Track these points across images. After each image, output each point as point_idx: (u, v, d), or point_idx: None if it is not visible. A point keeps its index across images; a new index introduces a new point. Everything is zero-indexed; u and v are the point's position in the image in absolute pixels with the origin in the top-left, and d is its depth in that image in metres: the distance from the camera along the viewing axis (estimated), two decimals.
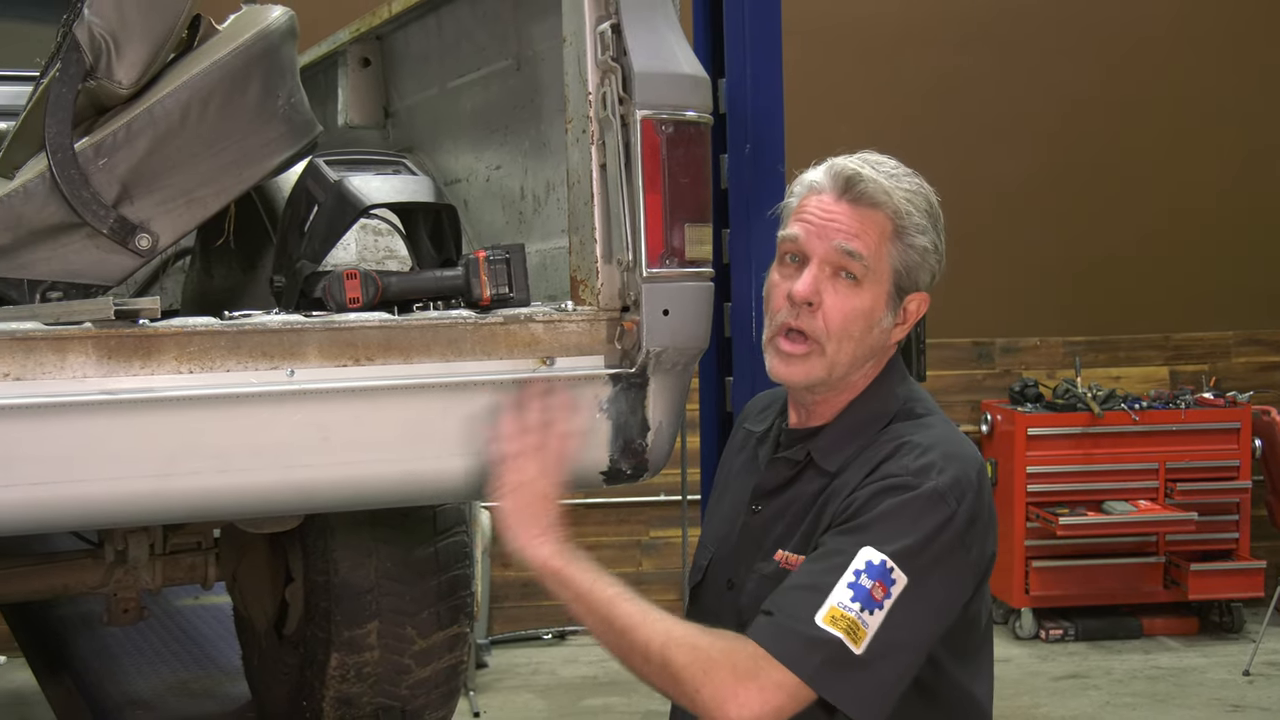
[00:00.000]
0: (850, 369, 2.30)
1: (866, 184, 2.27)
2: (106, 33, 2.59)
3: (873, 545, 2.11)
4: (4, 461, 2.30)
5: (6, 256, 2.64)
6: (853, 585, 2.08)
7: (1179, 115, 8.85)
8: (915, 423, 2.31)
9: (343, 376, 2.49)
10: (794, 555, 2.26)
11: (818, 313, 2.25)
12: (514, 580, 8.37)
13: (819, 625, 2.06)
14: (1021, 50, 8.74)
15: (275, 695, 3.94)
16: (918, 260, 2.29)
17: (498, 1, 3.11)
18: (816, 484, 2.31)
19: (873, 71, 8.54)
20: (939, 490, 2.17)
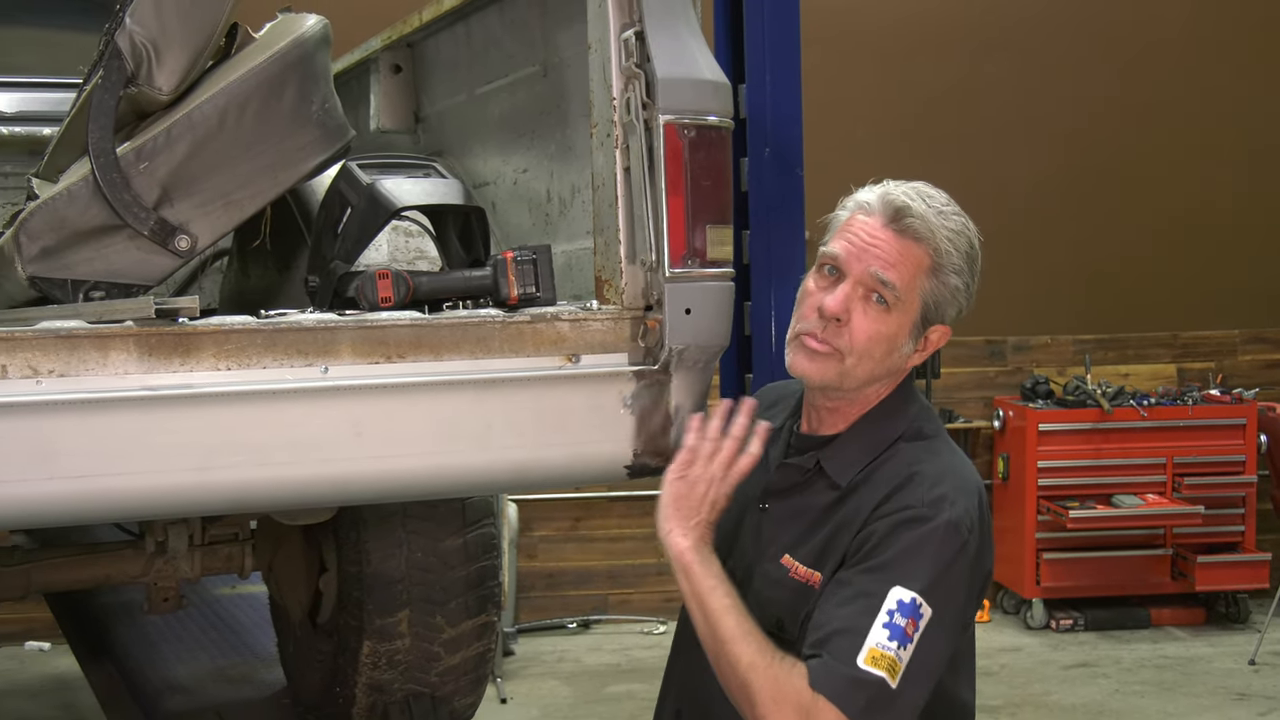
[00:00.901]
0: (863, 385, 2.34)
1: (914, 218, 2.30)
2: (147, 41, 2.59)
3: (901, 584, 2.18)
4: (49, 455, 2.30)
5: (51, 257, 2.64)
6: (888, 625, 2.16)
7: (1186, 119, 8.83)
8: (923, 445, 2.35)
9: (375, 373, 2.49)
10: (802, 566, 2.32)
11: (844, 329, 2.29)
12: (539, 570, 8.39)
13: (861, 667, 2.14)
14: (1035, 57, 8.73)
15: (309, 681, 3.95)
16: (948, 297, 2.33)
17: (525, 10, 3.11)
18: (827, 496, 2.35)
19: (890, 77, 8.53)
20: (953, 522, 2.23)
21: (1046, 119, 8.68)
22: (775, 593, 2.32)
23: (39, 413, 2.29)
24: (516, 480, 2.72)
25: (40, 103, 4.78)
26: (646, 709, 6.94)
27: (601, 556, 8.47)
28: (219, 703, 4.12)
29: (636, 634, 8.23)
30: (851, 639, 2.16)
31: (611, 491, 8.24)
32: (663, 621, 8.26)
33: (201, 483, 2.42)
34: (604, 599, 8.49)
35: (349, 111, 2.92)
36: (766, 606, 2.31)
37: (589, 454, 2.68)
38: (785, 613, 2.30)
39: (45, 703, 7.10)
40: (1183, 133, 8.82)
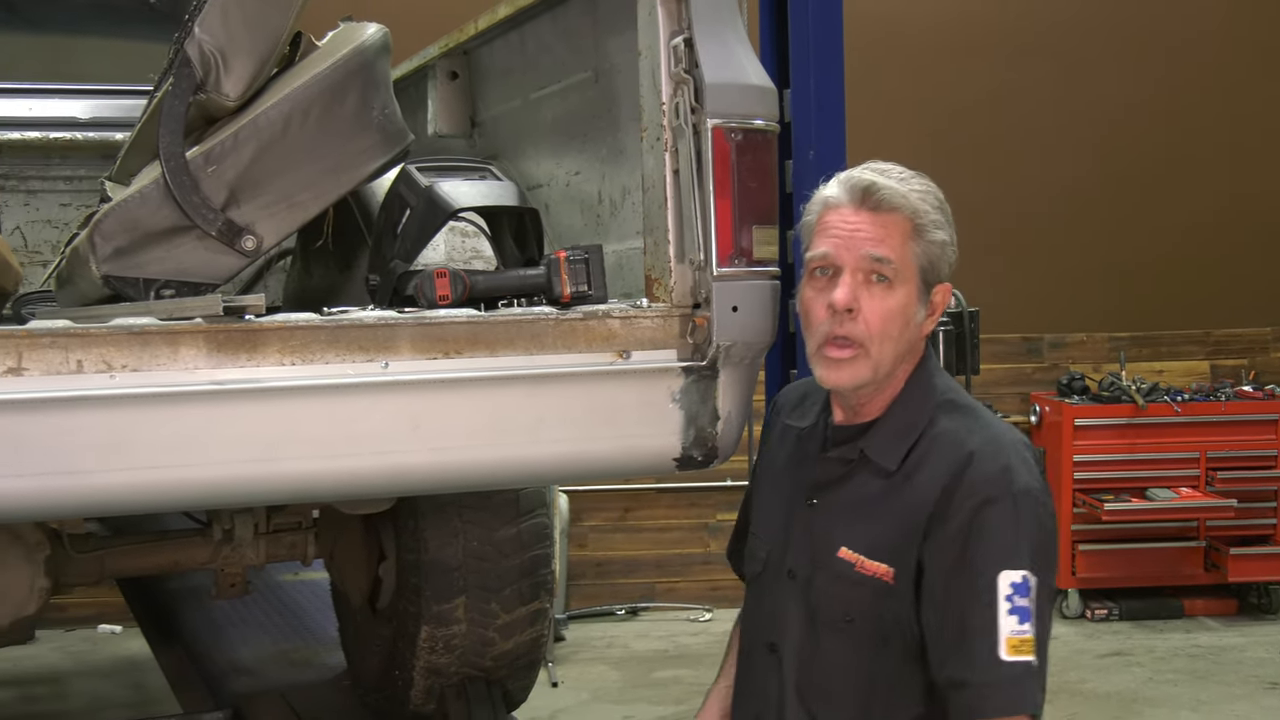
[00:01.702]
0: (893, 366, 2.28)
1: (882, 191, 2.25)
2: (215, 49, 2.60)
3: (1007, 567, 2.15)
4: (121, 446, 2.32)
5: (124, 256, 2.66)
6: (1013, 610, 2.14)
7: (1217, 120, 8.76)
8: (962, 418, 2.31)
9: (433, 368, 2.50)
10: (869, 560, 2.25)
11: (858, 317, 2.23)
12: (589, 559, 8.40)
13: (1006, 660, 2.13)
14: (1067, 60, 8.67)
15: (369, 665, 3.97)
16: (938, 253, 2.28)
17: (577, 18, 3.11)
18: (876, 484, 2.29)
19: (927, 82, 8.49)
20: (1026, 488, 2.20)
21: (1079, 121, 8.62)
22: (842, 588, 2.26)
23: (112, 406, 2.31)
24: (568, 472, 2.73)
25: (113, 109, 4.81)
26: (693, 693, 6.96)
27: (649, 546, 8.47)
28: (282, 684, 4.15)
29: (683, 621, 8.22)
30: (984, 640, 2.13)
31: (659, 483, 8.24)
32: (708, 609, 8.26)
33: (266, 473, 2.44)
34: (651, 587, 8.49)
35: (408, 116, 2.93)
36: (834, 602, 2.26)
37: (638, 447, 2.68)
38: (855, 608, 2.25)
39: (117, 683, 7.15)
40: (1214, 133, 8.75)
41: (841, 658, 2.25)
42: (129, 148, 3.59)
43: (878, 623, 2.23)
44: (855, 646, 2.24)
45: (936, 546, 2.19)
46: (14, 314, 3.77)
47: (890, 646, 2.23)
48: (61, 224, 4.82)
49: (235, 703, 3.96)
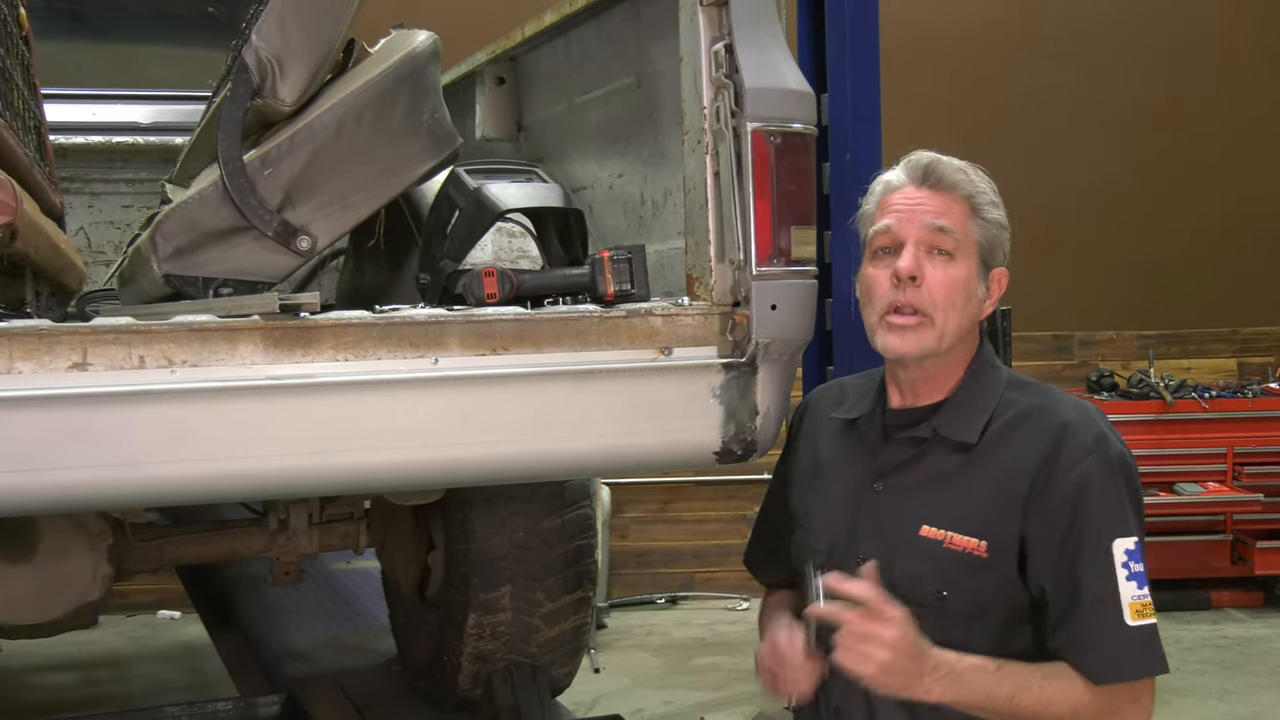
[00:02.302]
0: (956, 339, 2.24)
1: (943, 168, 2.25)
2: (272, 56, 2.61)
3: (1119, 535, 2.16)
4: (181, 439, 2.33)
5: (184, 256, 2.67)
6: (1131, 577, 2.16)
7: (1244, 121, 8.72)
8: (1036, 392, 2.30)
9: (481, 364, 2.50)
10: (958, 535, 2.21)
11: (922, 286, 2.20)
12: (630, 550, 8.40)
13: (1132, 626, 2.14)
14: (1094, 64, 8.64)
15: (418, 651, 3.98)
16: (995, 234, 2.26)
17: (620, 24, 3.11)
18: (954, 460, 2.25)
19: (959, 86, 8.48)
20: (1122, 455, 2.21)
21: (1107, 123, 8.59)
22: (931, 565, 2.21)
23: (173, 400, 2.32)
24: (611, 465, 2.73)
25: (172, 114, 4.84)
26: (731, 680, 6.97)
27: (688, 537, 8.46)
28: (335, 669, 4.16)
29: (721, 609, 8.22)
30: (1107, 608, 2.14)
31: (698, 476, 8.24)
32: (745, 598, 8.24)
33: (320, 465, 2.44)
34: (690, 577, 8.49)
35: (456, 121, 2.93)
36: (922, 581, 2.20)
37: (680, 441, 2.67)
38: (948, 583, 2.20)
39: (176, 667, 7.20)
40: (1240, 134, 8.70)
41: (933, 635, 2.17)
42: (188, 151, 3.62)
43: (975, 596, 2.19)
44: (947, 623, 2.19)
45: (1042, 518, 2.17)
46: (79, 311, 3.80)
47: (988, 619, 2.20)
48: (124, 225, 4.85)
49: (290, 687, 3.98)
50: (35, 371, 2.25)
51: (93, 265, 4.66)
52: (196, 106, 4.61)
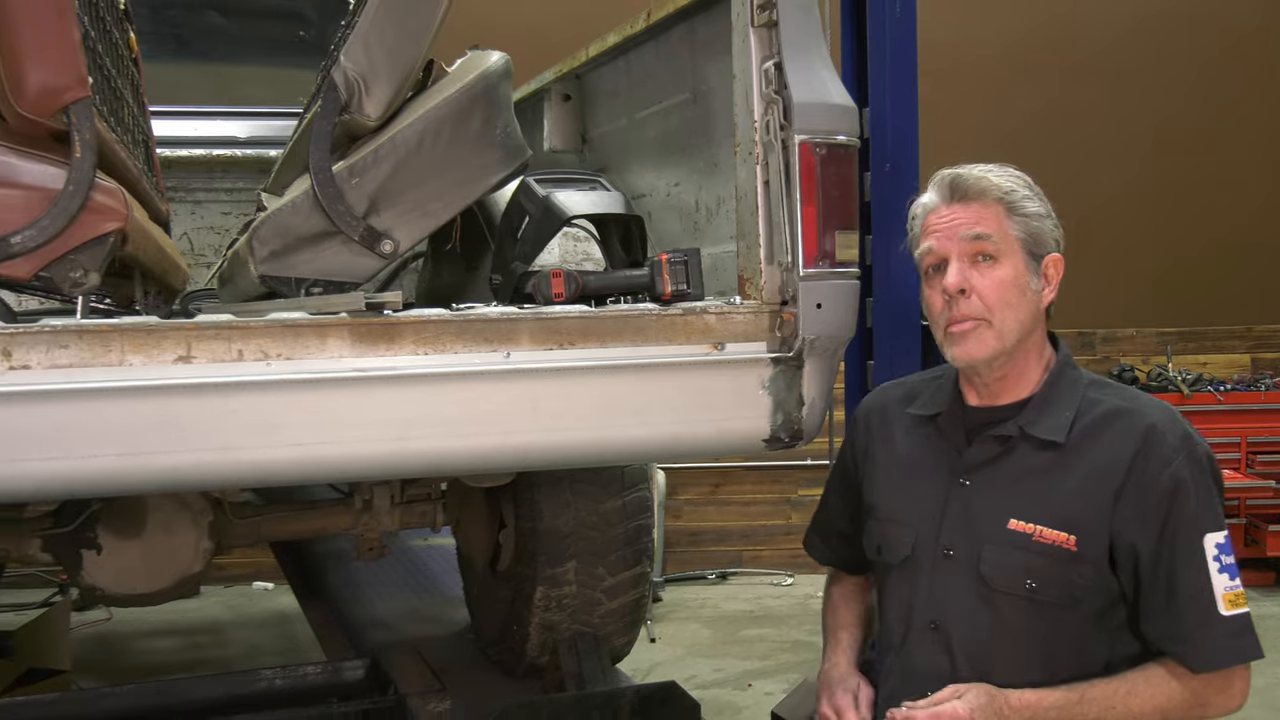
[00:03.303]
0: (1018, 335, 2.21)
1: (968, 181, 2.23)
2: (358, 76, 2.62)
3: (1209, 531, 2.13)
4: (276, 426, 2.34)
5: (278, 259, 2.69)
6: (1222, 569, 2.12)
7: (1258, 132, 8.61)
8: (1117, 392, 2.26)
9: (549, 358, 2.50)
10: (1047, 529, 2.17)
11: (972, 296, 2.19)
12: (683, 529, 8.39)
13: (1226, 616, 2.12)
14: (1117, 77, 8.57)
15: (490, 621, 3.99)
16: (1037, 226, 2.22)
17: (677, 45, 3.10)
18: (1041, 458, 2.21)
19: (990, 100, 8.42)
20: (1206, 452, 2.18)
21: (1128, 135, 8.52)
22: (1020, 558, 2.17)
23: (269, 390, 2.33)
24: (668, 451, 2.72)
25: (267, 129, 4.87)
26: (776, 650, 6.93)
27: (737, 518, 8.45)
28: (414, 637, 4.17)
29: (767, 585, 8.20)
30: (1200, 601, 2.11)
31: (747, 461, 8.22)
32: (790, 575, 8.22)
33: (402, 451, 2.45)
34: (739, 555, 8.47)
35: (526, 134, 2.93)
36: (1012, 572, 2.17)
37: (731, 429, 2.66)
38: (1037, 575, 2.16)
39: (269, 633, 7.26)
40: (1254, 145, 8.60)
41: (1024, 624, 2.17)
42: (282, 163, 3.64)
43: (1065, 587, 2.15)
44: (1039, 611, 2.17)
45: (1135, 516, 2.14)
46: (182, 309, 3.84)
47: (1079, 608, 2.16)
48: (223, 230, 4.89)
49: (373, 652, 3.99)
50: (144, 364, 2.27)
51: (195, 267, 4.71)
52: (289, 122, 4.64)
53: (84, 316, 2.36)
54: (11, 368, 2.20)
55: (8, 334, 2.21)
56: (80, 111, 2.27)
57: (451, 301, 2.66)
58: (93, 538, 3.35)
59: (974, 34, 8.48)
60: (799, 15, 2.63)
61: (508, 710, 3.05)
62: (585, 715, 3.10)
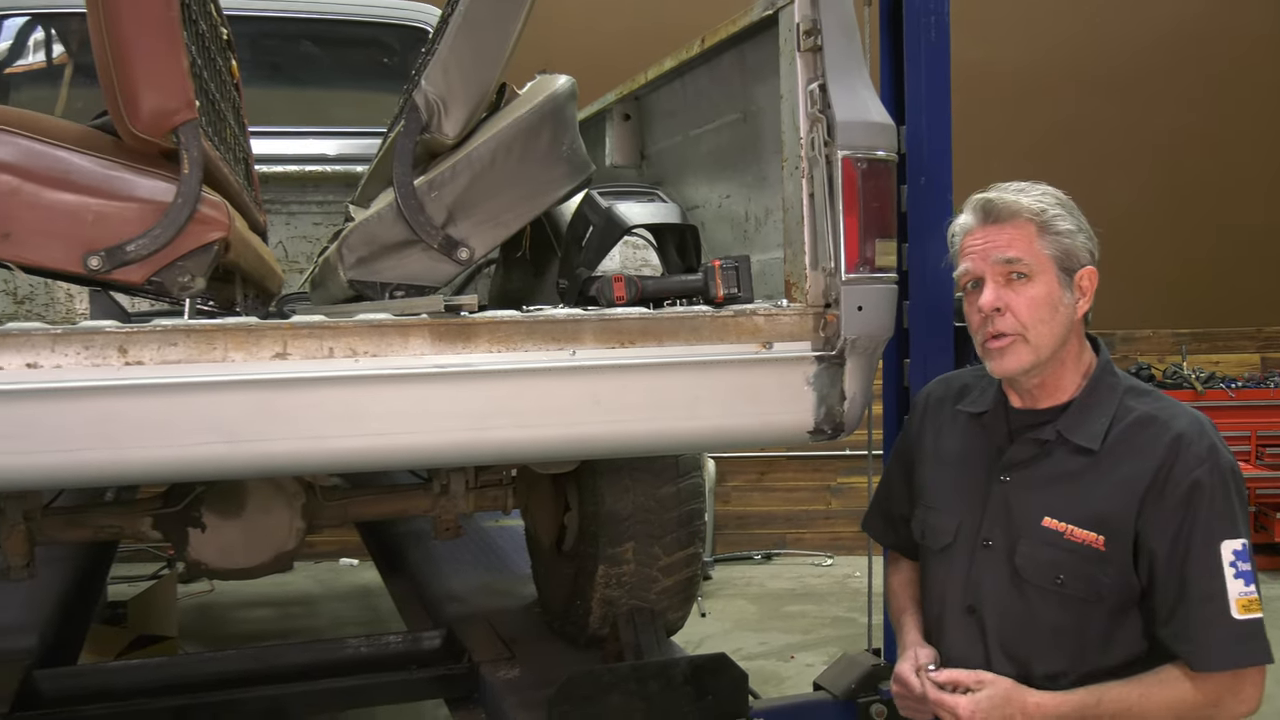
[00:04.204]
0: (1054, 347, 2.17)
1: (998, 203, 2.19)
2: (438, 98, 2.63)
3: (1227, 537, 2.07)
4: (364, 417, 2.36)
5: (365, 265, 2.70)
6: (1238, 575, 2.06)
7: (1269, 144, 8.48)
8: (1152, 401, 2.20)
9: (611, 356, 2.50)
10: (1077, 529, 2.14)
11: (1007, 314, 2.15)
12: (732, 513, 8.39)
13: (1238, 619, 2.05)
14: (1133, 92, 8.50)
15: (555, 596, 3.99)
16: (1068, 243, 2.18)
17: (729, 68, 3.09)
18: (1076, 461, 2.17)
19: (1016, 115, 8.36)
20: (1231, 464, 2.11)
21: (1145, 146, 8.42)
22: (1051, 554, 2.14)
23: (357, 384, 2.35)
24: (719, 442, 2.70)
25: (354, 147, 4.89)
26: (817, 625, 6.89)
27: (781, 503, 8.43)
28: (486, 610, 4.19)
29: (809, 565, 8.17)
30: (1215, 603, 2.05)
31: (790, 451, 8.20)
32: (830, 556, 8.19)
33: (477, 440, 2.46)
34: (782, 537, 8.45)
35: (589, 151, 2.93)
36: (1043, 566, 2.15)
37: (778, 422, 2.65)
38: (1066, 571, 2.13)
39: (354, 605, 7.33)
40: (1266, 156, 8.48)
41: (1052, 615, 2.15)
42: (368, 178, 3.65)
43: (1090, 583, 2.12)
44: (1065, 604, 2.14)
45: (1157, 519, 2.09)
46: (278, 310, 3.87)
47: (1104, 604, 2.13)
48: (314, 239, 4.92)
49: (449, 624, 4.02)
50: (245, 360, 2.29)
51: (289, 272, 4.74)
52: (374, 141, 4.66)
53: (190, 317, 2.39)
54: (127, 363, 2.23)
55: (123, 333, 2.23)
56: (188, 132, 2.30)
57: (522, 304, 2.66)
58: (198, 517, 3.39)
59: (1001, 53, 8.42)
60: (841, 40, 2.62)
61: (572, 678, 3.06)
62: (642, 684, 3.10)
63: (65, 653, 4.03)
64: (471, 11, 2.61)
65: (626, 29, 7.96)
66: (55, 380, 2.19)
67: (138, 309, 3.94)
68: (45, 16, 4.80)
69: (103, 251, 2.27)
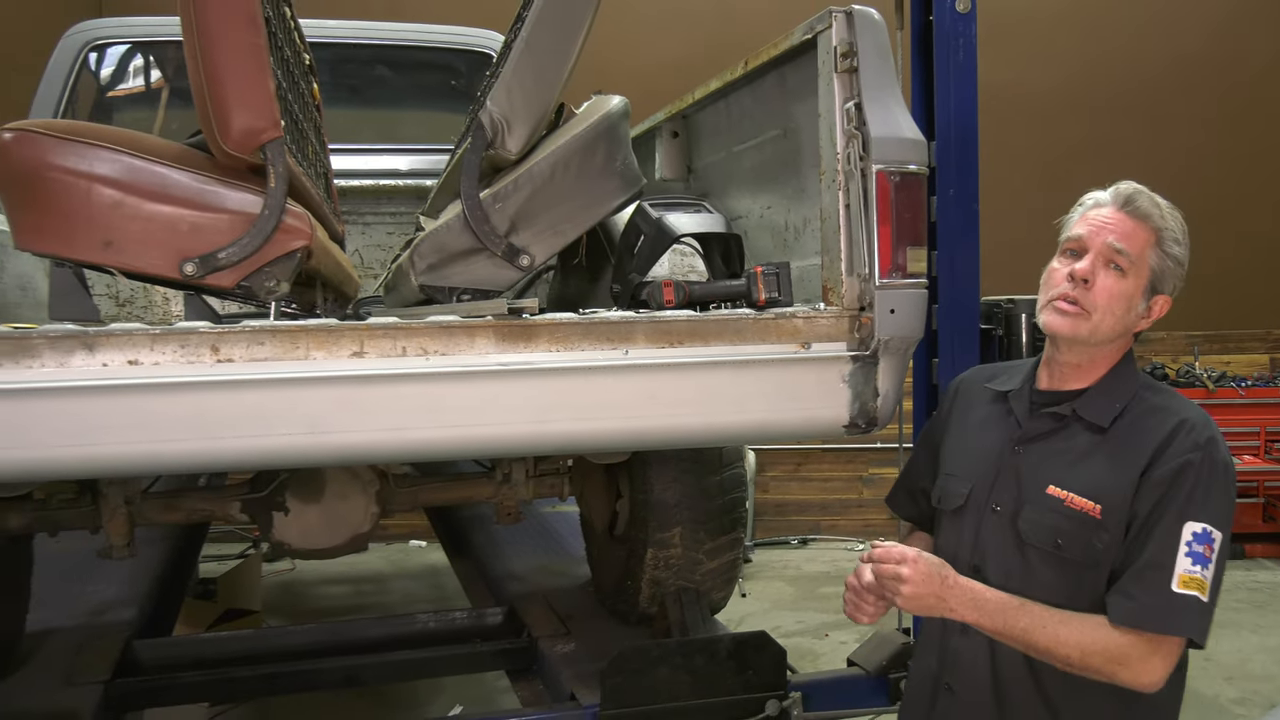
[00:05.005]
0: (1105, 339, 2.15)
1: (1142, 201, 2.17)
2: (501, 117, 2.64)
3: (1195, 520, 2.02)
4: (433, 410, 2.37)
5: (434, 271, 2.71)
6: (1190, 554, 2.01)
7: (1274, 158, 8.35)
8: (1160, 395, 2.18)
9: (662, 355, 2.49)
10: (1077, 497, 2.11)
11: (1090, 289, 2.12)
12: (770, 501, 8.36)
13: (1174, 591, 2.00)
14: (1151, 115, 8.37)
15: (607, 577, 4.00)
16: (1170, 267, 2.15)
17: (770, 89, 3.07)
18: (1085, 438, 2.16)
19: (1039, 134, 8.25)
20: (1224, 461, 2.07)
21: (1160, 160, 8.31)
22: (1052, 519, 2.13)
23: (428, 381, 2.36)
24: (760, 435, 2.69)
25: (424, 163, 4.92)
26: None
27: (816, 492, 8.39)
28: (544, 589, 4.20)
29: (842, 550, 8.13)
30: (1161, 572, 2.01)
31: (826, 444, 8.16)
32: (861, 541, 8.14)
33: (538, 432, 2.46)
34: (817, 524, 8.41)
35: (641, 165, 2.93)
36: (1043, 530, 2.14)
37: (816, 416, 2.63)
38: (1065, 536, 2.11)
39: (423, 584, 7.37)
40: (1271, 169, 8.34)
41: (1049, 577, 2.13)
42: (437, 191, 3.67)
43: (1086, 549, 2.10)
44: (1062, 567, 2.12)
45: (1145, 490, 2.07)
46: (355, 313, 3.90)
47: (1099, 569, 2.10)
48: (388, 247, 4.95)
49: (510, 601, 4.03)
50: (326, 358, 2.31)
51: (365, 278, 4.78)
52: (442, 157, 4.70)
53: (275, 319, 2.40)
54: (219, 361, 2.26)
55: (215, 333, 2.26)
56: (274, 149, 2.32)
57: (578, 307, 2.66)
58: (282, 502, 3.42)
59: (1026, 76, 8.33)
60: (876, 62, 2.60)
61: (623, 652, 3.06)
62: (688, 658, 3.09)
63: (161, 624, 4.07)
64: (533, 38, 2.62)
65: (675, 53, 7.96)
66: (154, 376, 2.22)
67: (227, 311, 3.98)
68: (144, 45, 4.86)
69: (197, 259, 2.30)
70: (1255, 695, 5.24)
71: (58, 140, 2.24)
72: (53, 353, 2.18)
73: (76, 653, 3.43)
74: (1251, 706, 5.07)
